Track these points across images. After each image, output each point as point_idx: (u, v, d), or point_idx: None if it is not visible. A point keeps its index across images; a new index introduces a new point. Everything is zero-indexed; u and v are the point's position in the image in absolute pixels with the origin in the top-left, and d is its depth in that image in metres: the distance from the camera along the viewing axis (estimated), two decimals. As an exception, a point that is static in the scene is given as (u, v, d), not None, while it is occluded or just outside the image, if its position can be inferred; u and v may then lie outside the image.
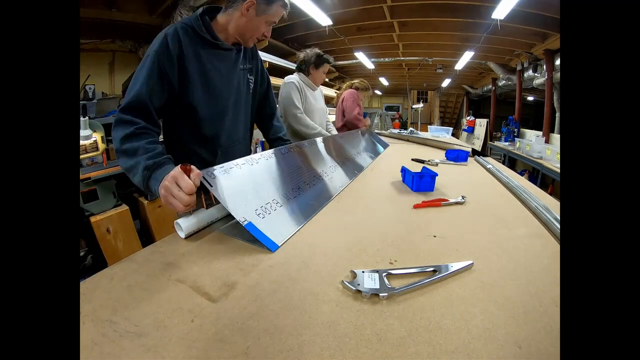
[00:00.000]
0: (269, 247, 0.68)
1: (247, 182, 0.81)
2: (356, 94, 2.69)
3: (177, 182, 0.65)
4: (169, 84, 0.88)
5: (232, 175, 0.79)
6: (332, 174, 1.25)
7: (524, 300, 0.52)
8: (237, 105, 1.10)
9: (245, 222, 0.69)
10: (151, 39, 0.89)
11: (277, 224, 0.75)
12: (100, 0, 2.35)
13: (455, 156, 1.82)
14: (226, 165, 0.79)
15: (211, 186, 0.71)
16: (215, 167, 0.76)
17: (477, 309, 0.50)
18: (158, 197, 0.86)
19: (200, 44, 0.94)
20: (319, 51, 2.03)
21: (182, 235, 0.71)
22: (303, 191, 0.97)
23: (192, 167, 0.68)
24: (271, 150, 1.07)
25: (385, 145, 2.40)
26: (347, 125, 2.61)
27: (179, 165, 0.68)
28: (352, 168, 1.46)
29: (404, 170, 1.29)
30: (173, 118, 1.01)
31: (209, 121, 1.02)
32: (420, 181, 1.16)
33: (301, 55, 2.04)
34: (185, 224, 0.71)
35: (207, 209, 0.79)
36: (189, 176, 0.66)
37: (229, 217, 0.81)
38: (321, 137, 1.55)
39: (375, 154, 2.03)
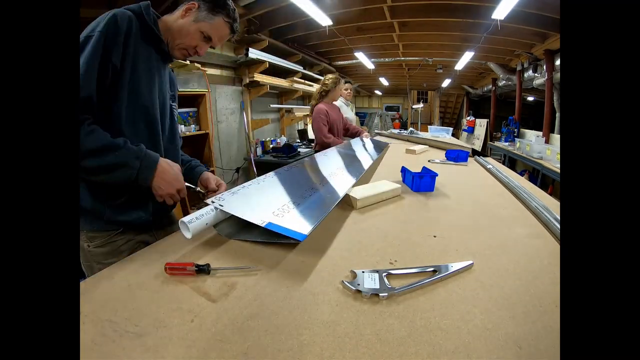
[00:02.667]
0: (296, 238, 0.65)
1: (257, 195, 0.86)
2: (322, 111, 2.32)
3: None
4: (113, 67, 0.73)
5: (241, 194, 0.84)
6: (334, 179, 1.22)
7: (524, 300, 0.52)
8: (162, 118, 0.90)
9: (265, 223, 0.69)
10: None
11: (296, 220, 0.74)
12: (100, 0, 2.35)
13: (455, 156, 1.82)
14: (234, 189, 0.86)
15: (222, 206, 0.73)
16: (224, 192, 0.82)
17: (477, 309, 0.50)
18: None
19: (145, 35, 0.80)
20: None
21: (189, 235, 0.68)
22: (308, 197, 0.94)
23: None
24: (274, 171, 1.12)
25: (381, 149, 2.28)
26: (322, 147, 2.26)
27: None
28: (352, 172, 1.45)
29: (404, 170, 1.29)
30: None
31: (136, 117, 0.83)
32: (420, 181, 1.16)
33: None
34: (191, 224, 0.68)
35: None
36: None
37: (228, 220, 0.80)
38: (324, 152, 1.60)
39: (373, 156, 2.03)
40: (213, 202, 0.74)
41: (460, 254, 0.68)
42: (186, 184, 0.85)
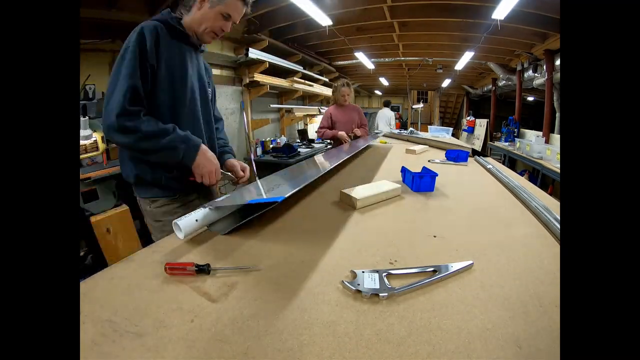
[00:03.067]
0: (275, 200, 0.72)
1: (244, 190, 1.01)
2: (327, 112, 2.90)
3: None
4: (151, 66, 0.91)
5: (228, 196, 0.95)
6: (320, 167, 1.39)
7: (524, 300, 0.52)
8: (195, 105, 1.07)
9: (249, 200, 0.77)
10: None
11: (278, 193, 0.83)
12: (100, 0, 2.35)
13: (455, 156, 1.82)
14: (224, 196, 0.94)
15: (212, 206, 0.78)
16: (216, 199, 0.88)
17: (477, 309, 0.50)
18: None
19: (173, 34, 0.98)
20: None
21: (181, 235, 0.70)
22: (291, 180, 1.11)
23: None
24: (261, 178, 1.27)
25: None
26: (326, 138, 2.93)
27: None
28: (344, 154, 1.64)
29: (404, 170, 1.29)
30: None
31: (169, 111, 0.99)
32: (420, 181, 1.16)
33: None
34: (183, 225, 0.70)
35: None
36: None
37: (225, 219, 0.82)
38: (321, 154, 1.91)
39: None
40: (205, 206, 0.79)
41: (460, 254, 0.68)
42: (221, 171, 1.05)
